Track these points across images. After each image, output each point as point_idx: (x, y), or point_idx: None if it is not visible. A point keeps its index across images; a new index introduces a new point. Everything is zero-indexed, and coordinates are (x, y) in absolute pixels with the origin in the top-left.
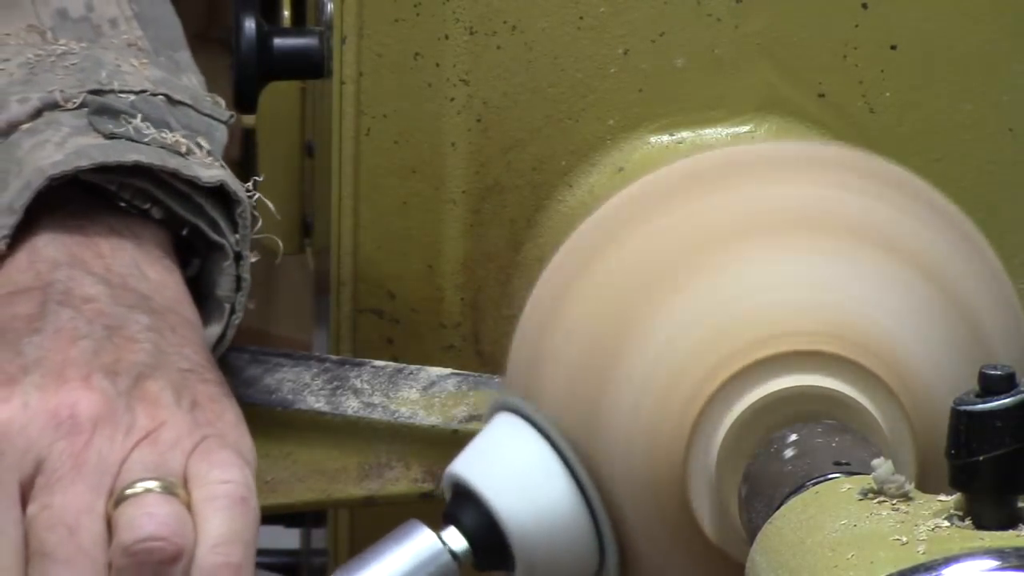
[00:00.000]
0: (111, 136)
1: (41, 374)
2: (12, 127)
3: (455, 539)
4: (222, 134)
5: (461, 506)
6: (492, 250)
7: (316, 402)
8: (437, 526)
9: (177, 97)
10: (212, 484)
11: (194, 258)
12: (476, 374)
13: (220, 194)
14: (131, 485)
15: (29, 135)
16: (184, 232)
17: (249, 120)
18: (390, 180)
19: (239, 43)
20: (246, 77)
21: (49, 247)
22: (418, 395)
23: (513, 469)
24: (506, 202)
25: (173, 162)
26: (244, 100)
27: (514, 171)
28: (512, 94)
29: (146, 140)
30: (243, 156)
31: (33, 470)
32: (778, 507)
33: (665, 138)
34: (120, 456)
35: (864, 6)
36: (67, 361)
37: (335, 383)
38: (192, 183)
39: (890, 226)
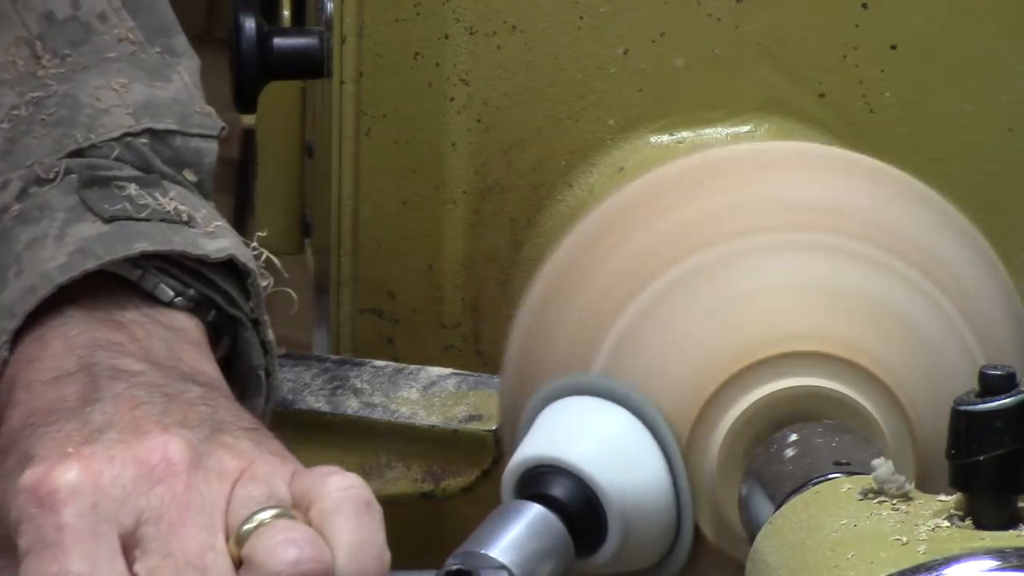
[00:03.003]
0: (110, 219)
1: (117, 431)
2: (1, 212)
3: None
4: (211, 156)
5: (550, 484)
6: (492, 250)
7: (316, 402)
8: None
9: (161, 126)
10: (333, 493)
11: (223, 336)
12: (476, 374)
13: (228, 263)
14: (248, 520)
15: (23, 224)
16: (210, 318)
17: (249, 120)
18: (390, 180)
19: (239, 43)
20: (246, 77)
21: (83, 335)
22: (418, 395)
23: (609, 444)
24: (506, 202)
25: (179, 239)
26: (244, 100)
27: (514, 171)
28: (512, 94)
29: (144, 215)
30: (243, 156)
31: (133, 522)
32: (778, 507)
33: (665, 138)
34: (223, 494)
35: (864, 6)
36: (137, 418)
37: (335, 383)
38: (201, 260)
39: (891, 227)
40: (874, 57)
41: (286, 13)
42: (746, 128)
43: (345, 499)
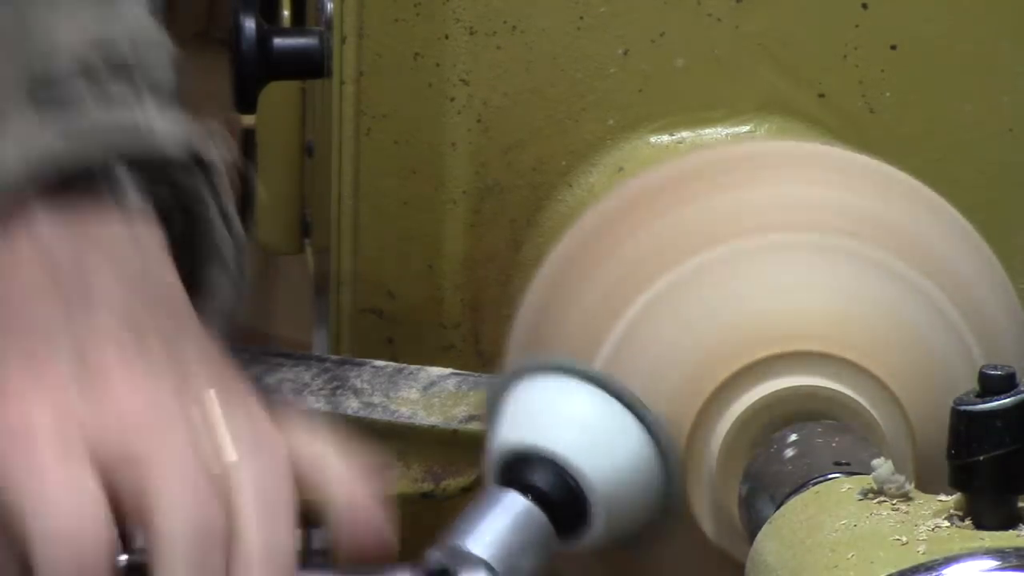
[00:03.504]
0: (62, 131)
1: (89, 372)
2: None
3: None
4: (165, 71)
5: (532, 473)
6: (492, 250)
7: (316, 402)
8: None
9: (118, 60)
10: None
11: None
12: (476, 374)
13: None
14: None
15: None
16: (176, 227)
17: (249, 120)
18: (390, 180)
19: (239, 43)
20: (246, 77)
21: (53, 243)
22: (418, 395)
23: (588, 427)
24: (506, 202)
25: (136, 132)
26: (244, 100)
27: (514, 171)
28: (512, 94)
29: (93, 116)
30: (243, 156)
31: (108, 465)
32: (778, 507)
33: (665, 138)
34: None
35: (864, 6)
36: (108, 362)
37: (335, 383)
38: (162, 158)
39: (890, 227)
40: (874, 57)
41: (286, 13)
42: (746, 128)
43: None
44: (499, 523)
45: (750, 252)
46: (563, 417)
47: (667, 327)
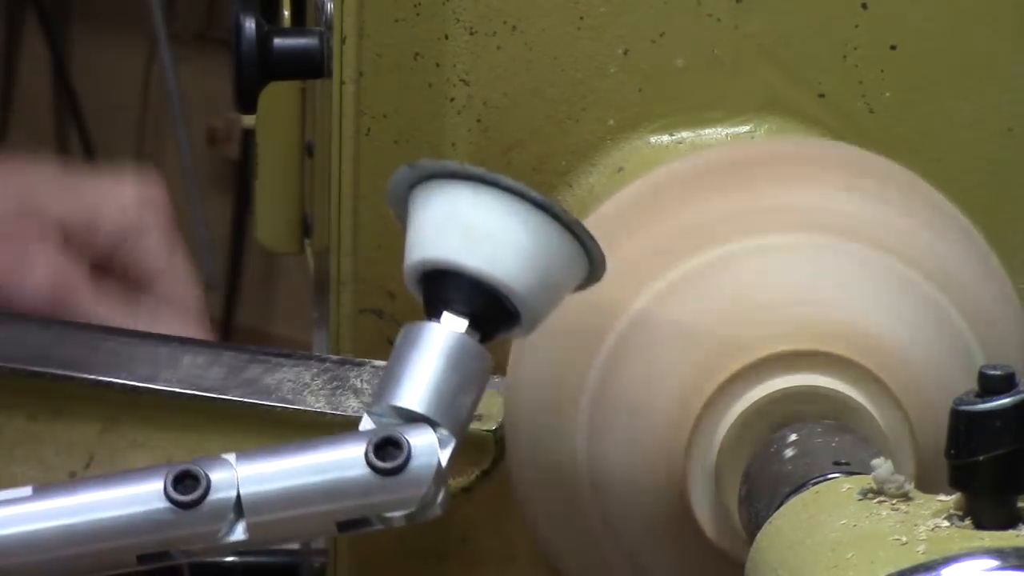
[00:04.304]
0: None
1: None
2: None
3: (459, 323)
4: None
5: (445, 289)
6: None
7: (316, 402)
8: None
9: None
10: None
11: None
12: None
13: None
14: None
15: None
16: None
17: (249, 120)
18: None
19: (239, 43)
20: (246, 77)
21: None
22: None
23: (485, 230)
24: None
25: None
26: (244, 100)
27: (514, 171)
28: (512, 94)
29: None
30: (243, 156)
31: None
32: (778, 507)
33: (665, 138)
34: None
35: (864, 6)
36: None
37: (335, 383)
38: None
39: (890, 225)
40: (874, 57)
41: (286, 13)
42: (746, 128)
43: None
44: (434, 367)
45: (750, 252)
46: (477, 229)
47: (666, 328)
